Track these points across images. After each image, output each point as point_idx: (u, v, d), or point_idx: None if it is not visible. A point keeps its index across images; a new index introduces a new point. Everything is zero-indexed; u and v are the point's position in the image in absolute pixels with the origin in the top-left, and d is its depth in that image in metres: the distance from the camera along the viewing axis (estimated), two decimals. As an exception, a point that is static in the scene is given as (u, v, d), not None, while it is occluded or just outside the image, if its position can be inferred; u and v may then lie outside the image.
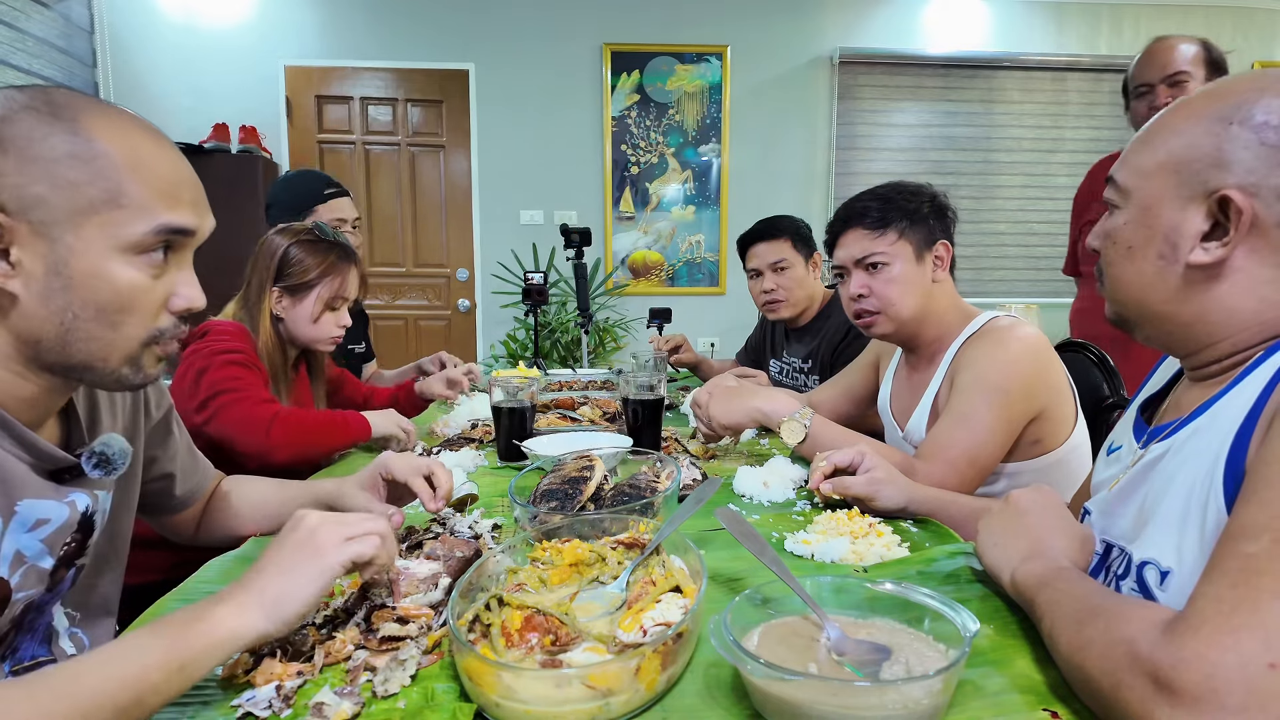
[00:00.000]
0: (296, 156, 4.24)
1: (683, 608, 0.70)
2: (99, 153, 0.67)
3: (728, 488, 1.24)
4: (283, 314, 1.56)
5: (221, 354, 1.43)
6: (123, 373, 0.73)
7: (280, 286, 1.54)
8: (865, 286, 1.40)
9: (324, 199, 2.05)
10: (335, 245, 1.59)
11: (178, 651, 0.59)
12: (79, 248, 0.67)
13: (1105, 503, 0.84)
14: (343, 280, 1.58)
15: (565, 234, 2.48)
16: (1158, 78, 1.91)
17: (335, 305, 1.59)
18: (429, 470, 1.02)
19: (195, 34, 4.07)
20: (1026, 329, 1.30)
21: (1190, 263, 0.71)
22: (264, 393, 1.44)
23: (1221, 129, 0.68)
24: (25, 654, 0.78)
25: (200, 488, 1.06)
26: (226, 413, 1.38)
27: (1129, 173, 0.76)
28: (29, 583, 0.74)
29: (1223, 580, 0.54)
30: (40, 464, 0.75)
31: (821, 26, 4.44)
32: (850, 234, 1.42)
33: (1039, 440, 1.30)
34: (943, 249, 1.39)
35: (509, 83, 4.30)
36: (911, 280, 1.38)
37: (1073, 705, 0.61)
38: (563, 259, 4.02)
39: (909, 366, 1.51)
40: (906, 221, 1.37)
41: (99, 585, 0.89)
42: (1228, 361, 0.73)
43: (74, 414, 0.82)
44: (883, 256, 1.38)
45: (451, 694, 0.64)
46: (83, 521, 0.79)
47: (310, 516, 0.72)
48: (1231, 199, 0.67)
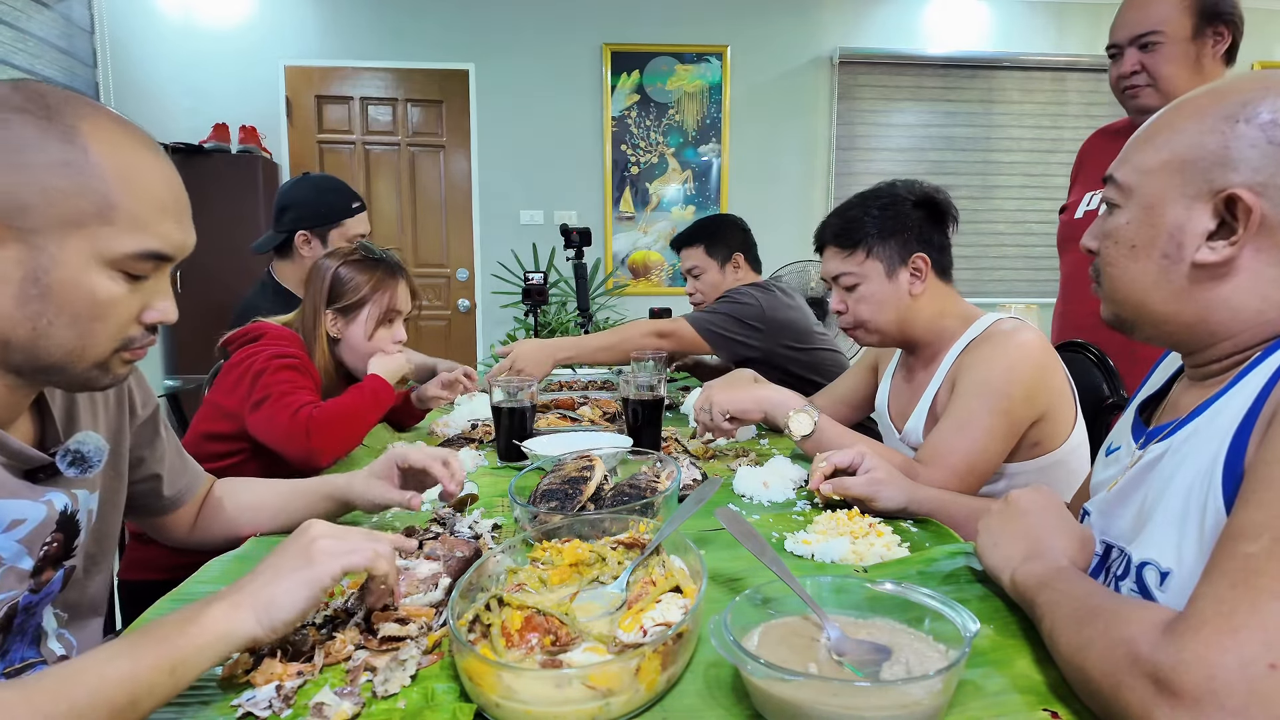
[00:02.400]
0: (296, 156, 4.24)
1: (683, 608, 0.70)
2: (92, 164, 0.66)
3: (728, 488, 1.24)
4: (338, 334, 1.58)
5: (279, 357, 1.45)
6: (90, 375, 0.72)
7: (334, 309, 1.56)
8: (842, 304, 1.43)
9: (352, 213, 2.07)
10: (382, 261, 1.61)
11: (170, 653, 0.59)
12: (61, 258, 0.66)
13: (1104, 503, 0.84)
14: (393, 293, 1.60)
15: (565, 234, 2.48)
16: (1125, 38, 1.63)
17: (390, 319, 1.61)
18: (444, 458, 1.04)
19: (195, 34, 4.07)
20: (1028, 333, 1.29)
21: (1196, 262, 0.70)
22: (313, 397, 1.44)
23: (1228, 127, 0.68)
24: (15, 656, 0.78)
25: (190, 490, 1.05)
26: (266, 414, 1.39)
27: (1130, 171, 0.75)
28: (8, 584, 0.74)
29: (1223, 581, 0.54)
30: (13, 463, 0.74)
31: (821, 26, 4.44)
32: (826, 251, 1.44)
33: (1039, 442, 1.30)
34: (920, 261, 1.36)
35: (509, 83, 4.30)
36: (884, 298, 1.38)
37: (1073, 705, 0.61)
38: (563, 259, 4.02)
39: (906, 369, 1.51)
40: (876, 239, 1.37)
41: (89, 587, 0.88)
42: (1228, 361, 0.73)
43: (48, 412, 0.81)
44: (853, 277, 1.39)
45: (451, 694, 0.64)
46: (63, 522, 0.78)
47: (315, 527, 0.72)
48: (1240, 198, 0.67)
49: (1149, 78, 1.61)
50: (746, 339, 2.11)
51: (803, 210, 4.48)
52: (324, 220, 2.01)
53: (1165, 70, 1.59)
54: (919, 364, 1.46)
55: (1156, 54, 1.59)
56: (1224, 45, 1.62)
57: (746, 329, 2.11)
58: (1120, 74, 1.65)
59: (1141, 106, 1.64)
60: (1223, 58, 1.62)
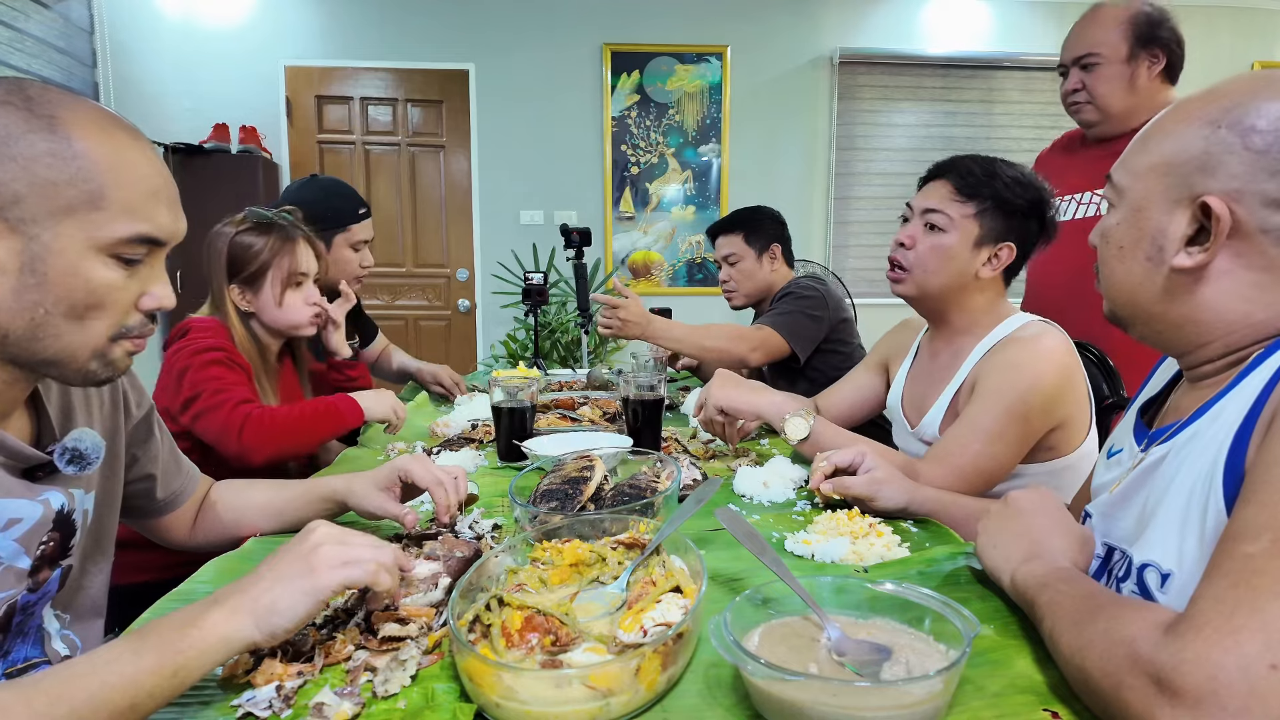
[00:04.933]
0: (296, 157, 4.25)
1: (683, 608, 0.70)
2: (78, 153, 0.67)
3: (728, 488, 1.24)
4: (249, 307, 1.54)
5: (202, 353, 1.42)
6: (90, 368, 0.72)
7: (237, 282, 1.53)
8: (912, 239, 1.36)
9: (358, 219, 2.08)
10: (274, 224, 1.56)
11: (171, 657, 0.59)
12: (56, 246, 0.67)
13: (1106, 505, 0.84)
14: (292, 256, 1.55)
15: (565, 234, 2.48)
16: (1069, 59, 1.79)
17: (296, 282, 1.56)
18: (446, 480, 1.00)
19: (195, 34, 4.07)
20: (1052, 339, 1.27)
21: (1174, 266, 0.71)
22: (241, 392, 1.42)
23: (1210, 132, 0.68)
24: (18, 656, 0.78)
25: (184, 492, 1.05)
26: (204, 420, 1.37)
27: (1124, 172, 0.76)
28: (7, 583, 0.74)
29: (1223, 581, 0.54)
30: (11, 462, 0.74)
31: (821, 26, 4.44)
32: (936, 184, 1.36)
33: (1053, 447, 1.28)
34: (1006, 251, 1.33)
35: (509, 83, 4.30)
36: (954, 259, 1.32)
37: (1073, 705, 0.61)
38: (563, 259, 4.02)
39: (930, 354, 1.47)
40: (991, 205, 1.31)
41: (87, 587, 0.88)
42: (1222, 362, 0.73)
43: (44, 411, 0.80)
44: (945, 222, 1.33)
45: (451, 694, 0.64)
46: (60, 520, 0.78)
47: (318, 531, 0.71)
48: (1210, 206, 0.67)
49: (1089, 95, 1.78)
50: (817, 332, 2.17)
51: (803, 210, 4.48)
52: (330, 224, 2.01)
53: (1102, 89, 1.75)
54: (944, 350, 1.42)
55: (1095, 74, 1.75)
56: (1159, 67, 1.74)
57: (816, 321, 2.16)
58: (1065, 91, 1.82)
59: (1084, 120, 1.83)
60: (1160, 77, 1.75)
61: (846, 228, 4.57)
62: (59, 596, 0.83)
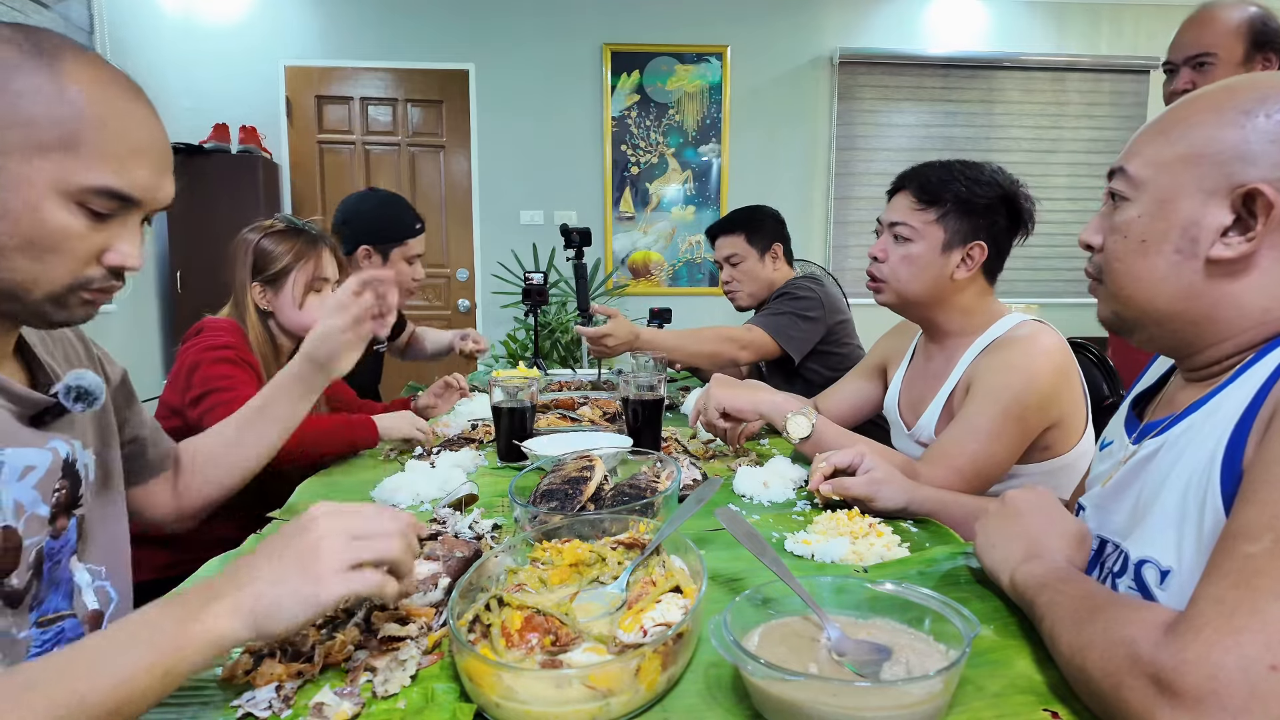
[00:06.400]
0: (296, 157, 4.25)
1: (683, 608, 0.70)
2: (69, 98, 0.68)
3: (728, 488, 1.24)
4: (268, 306, 1.59)
5: (213, 349, 1.45)
6: (45, 308, 0.73)
7: (259, 280, 1.57)
8: (884, 251, 1.39)
9: (415, 233, 2.09)
10: (303, 231, 1.62)
11: (163, 656, 0.58)
12: (21, 179, 0.67)
13: (1099, 498, 0.84)
14: (317, 262, 1.61)
15: (565, 234, 2.48)
16: (1181, 58, 1.71)
17: (317, 288, 1.61)
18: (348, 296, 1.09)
19: (195, 34, 4.07)
20: (1048, 339, 1.27)
21: (1210, 257, 0.70)
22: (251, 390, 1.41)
23: (1246, 121, 0.68)
24: (49, 606, 0.79)
25: (169, 455, 1.07)
26: (212, 416, 1.37)
27: (1142, 164, 0.74)
28: (33, 529, 0.75)
29: (1223, 581, 0.54)
30: (19, 410, 0.75)
31: (821, 26, 4.44)
32: (900, 195, 1.40)
33: (1049, 446, 1.29)
34: (978, 250, 1.34)
35: (509, 83, 4.30)
36: (927, 267, 1.34)
37: (1073, 705, 0.61)
38: (563, 259, 4.02)
39: (925, 357, 1.48)
40: (952, 208, 1.33)
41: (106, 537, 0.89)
42: (1225, 363, 0.73)
43: (35, 360, 0.82)
44: (910, 232, 1.35)
45: (451, 694, 0.64)
46: (67, 468, 0.80)
47: (320, 522, 0.66)
48: (1262, 192, 0.66)
49: None
50: (812, 333, 2.16)
51: (802, 210, 4.48)
52: (389, 238, 2.03)
53: None
54: (938, 353, 1.43)
55: (1208, 74, 1.67)
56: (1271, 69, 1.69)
57: (810, 323, 2.15)
58: (1174, 90, 1.73)
59: None
60: None
61: (846, 228, 4.58)
62: (81, 549, 0.84)
